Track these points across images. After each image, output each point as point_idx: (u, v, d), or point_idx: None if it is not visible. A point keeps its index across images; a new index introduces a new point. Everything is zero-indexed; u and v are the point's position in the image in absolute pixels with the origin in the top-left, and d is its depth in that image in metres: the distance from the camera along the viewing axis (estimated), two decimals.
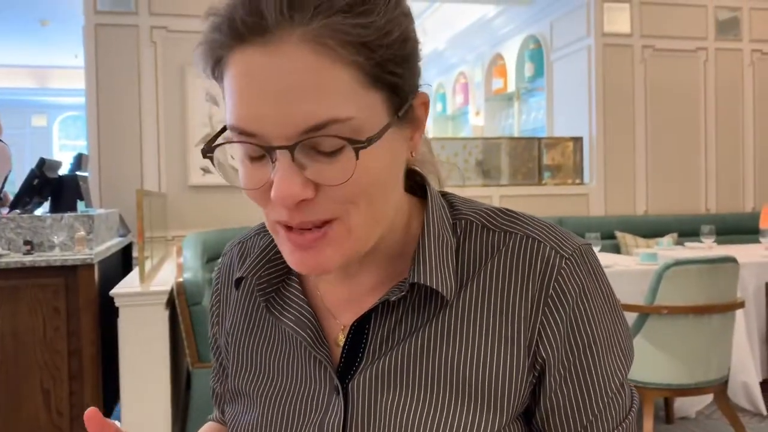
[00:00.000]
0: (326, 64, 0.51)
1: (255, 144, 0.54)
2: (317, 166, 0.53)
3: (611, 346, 0.61)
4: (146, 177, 4.15)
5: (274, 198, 0.53)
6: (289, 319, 0.65)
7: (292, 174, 0.53)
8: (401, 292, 0.60)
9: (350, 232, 0.56)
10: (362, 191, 0.55)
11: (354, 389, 0.62)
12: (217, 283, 0.78)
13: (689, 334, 2.47)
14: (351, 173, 0.52)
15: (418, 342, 0.61)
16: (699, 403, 3.16)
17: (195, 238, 3.24)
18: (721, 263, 2.49)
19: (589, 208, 4.93)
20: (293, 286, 0.67)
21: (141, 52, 4.14)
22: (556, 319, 0.60)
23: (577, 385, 0.60)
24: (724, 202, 5.24)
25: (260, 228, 0.75)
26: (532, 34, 5.87)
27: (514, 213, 0.65)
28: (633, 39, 5.03)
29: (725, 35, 5.25)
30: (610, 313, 0.62)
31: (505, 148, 5.03)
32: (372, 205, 0.56)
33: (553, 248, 0.61)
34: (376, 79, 0.54)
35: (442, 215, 0.65)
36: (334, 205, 0.55)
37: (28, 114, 11.01)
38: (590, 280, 0.61)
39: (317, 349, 0.63)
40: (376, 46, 0.53)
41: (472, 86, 7.26)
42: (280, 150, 0.52)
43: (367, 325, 0.63)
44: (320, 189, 0.54)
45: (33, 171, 3.02)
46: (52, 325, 2.46)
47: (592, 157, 4.99)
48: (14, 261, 2.45)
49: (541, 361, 0.60)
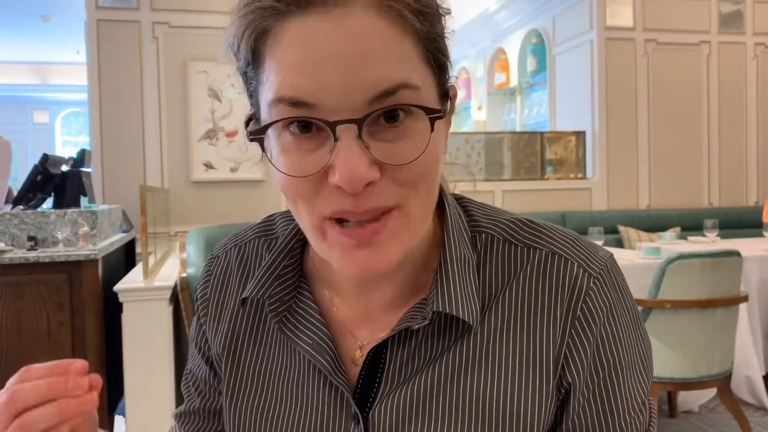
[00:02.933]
0: (394, 31, 0.48)
1: (315, 119, 0.48)
2: (382, 144, 0.49)
3: (635, 365, 0.59)
4: (149, 173, 4.15)
5: (341, 180, 0.47)
6: (305, 342, 0.60)
7: (360, 151, 0.48)
8: (423, 320, 0.56)
9: (408, 221, 0.52)
10: (425, 173, 0.51)
11: (375, 419, 0.58)
12: (205, 287, 0.69)
13: (692, 328, 2.47)
14: (423, 148, 0.49)
15: (441, 369, 0.57)
16: (702, 397, 3.16)
17: (198, 233, 3.24)
18: (724, 257, 2.48)
19: (592, 202, 4.92)
20: (306, 303, 0.62)
21: (143, 48, 4.14)
22: (583, 340, 0.57)
23: (601, 406, 0.58)
24: (727, 196, 5.22)
25: (260, 230, 0.69)
26: (535, 29, 5.85)
27: (537, 224, 0.61)
28: (635, 33, 5.01)
29: (728, 28, 5.23)
30: (635, 331, 0.60)
31: (507, 142, 5.02)
32: (429, 192, 0.53)
33: (581, 266, 0.58)
34: (431, 55, 0.52)
35: (461, 228, 0.61)
36: (397, 190, 0.50)
37: (30, 110, 11.00)
38: (617, 298, 0.59)
39: (336, 376, 0.59)
40: (433, 20, 0.51)
41: (474, 81, 7.24)
42: (345, 125, 0.47)
43: (384, 349, 0.59)
44: (384, 171, 0.49)
45: (36, 167, 3.03)
46: (56, 321, 2.46)
47: (594, 151, 4.98)
48: (18, 257, 2.46)
49: (567, 384, 0.57)
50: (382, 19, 0.48)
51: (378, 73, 0.47)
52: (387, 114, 0.49)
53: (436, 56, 0.52)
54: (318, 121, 0.48)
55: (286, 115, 0.49)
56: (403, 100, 0.48)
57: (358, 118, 0.47)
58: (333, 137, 0.48)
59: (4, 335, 2.43)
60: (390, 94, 0.48)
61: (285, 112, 0.49)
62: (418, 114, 0.50)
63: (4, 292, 2.44)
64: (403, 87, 0.48)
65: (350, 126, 0.47)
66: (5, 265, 2.43)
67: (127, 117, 4.13)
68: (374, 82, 0.47)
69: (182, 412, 0.75)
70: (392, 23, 0.48)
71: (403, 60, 0.49)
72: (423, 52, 0.51)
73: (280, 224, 0.68)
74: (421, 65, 0.51)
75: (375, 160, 0.49)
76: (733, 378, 2.85)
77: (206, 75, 4.17)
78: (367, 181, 0.48)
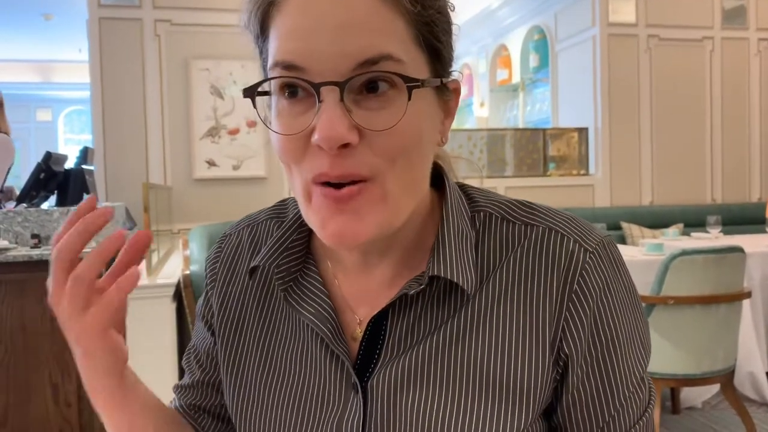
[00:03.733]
0: (385, 8, 0.52)
1: (302, 80, 0.52)
2: (363, 111, 0.52)
3: (632, 340, 0.60)
4: (151, 170, 4.15)
5: (319, 138, 0.51)
6: (308, 311, 0.62)
7: (341, 113, 0.51)
8: (420, 286, 0.58)
9: (385, 197, 0.54)
10: (403, 147, 0.53)
11: (374, 387, 0.60)
12: (215, 261, 0.72)
13: (696, 325, 2.47)
14: (400, 117, 0.52)
15: (439, 339, 0.59)
16: (705, 393, 3.16)
17: (201, 230, 3.25)
18: (727, 253, 2.48)
19: (595, 199, 4.92)
20: (312, 276, 0.65)
21: (145, 46, 4.14)
22: (580, 314, 0.58)
23: (599, 381, 0.59)
24: (730, 192, 5.22)
25: (272, 212, 0.72)
26: (537, 25, 5.84)
27: (534, 205, 0.63)
28: (638, 29, 5.00)
29: (731, 24, 5.21)
30: (632, 307, 0.61)
31: (509, 139, 5.02)
32: (408, 169, 0.55)
33: (576, 241, 0.59)
34: (423, 39, 0.54)
35: (461, 207, 0.63)
36: (373, 159, 0.53)
37: (33, 108, 11.02)
38: (613, 274, 0.60)
39: (336, 344, 0.61)
40: (428, 4, 0.54)
41: (476, 77, 7.24)
42: (329, 87, 0.51)
43: (384, 321, 0.61)
44: (363, 137, 0.52)
45: (39, 165, 3.03)
46: None
47: (597, 147, 4.98)
48: (22, 254, 2.46)
49: (565, 357, 0.58)
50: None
51: (364, 43, 0.51)
52: (369, 84, 0.52)
53: (429, 40, 0.55)
54: (303, 81, 0.52)
55: (277, 76, 0.53)
56: (386, 68, 0.51)
57: (340, 81, 0.51)
58: (317, 98, 0.51)
59: (8, 333, 2.44)
60: (373, 63, 0.51)
61: (280, 73, 0.53)
62: (402, 87, 0.52)
63: (8, 290, 2.45)
64: (386, 58, 0.51)
65: (333, 88, 0.51)
66: (9, 262, 2.44)
67: (129, 115, 4.13)
68: (359, 51, 0.51)
69: (182, 384, 0.76)
70: (385, 1, 0.52)
71: (390, 34, 0.52)
72: (414, 33, 0.54)
73: (292, 206, 0.71)
74: (411, 45, 0.54)
75: (355, 124, 0.52)
76: (736, 374, 2.85)
77: (208, 72, 4.17)
78: (343, 141, 0.51)
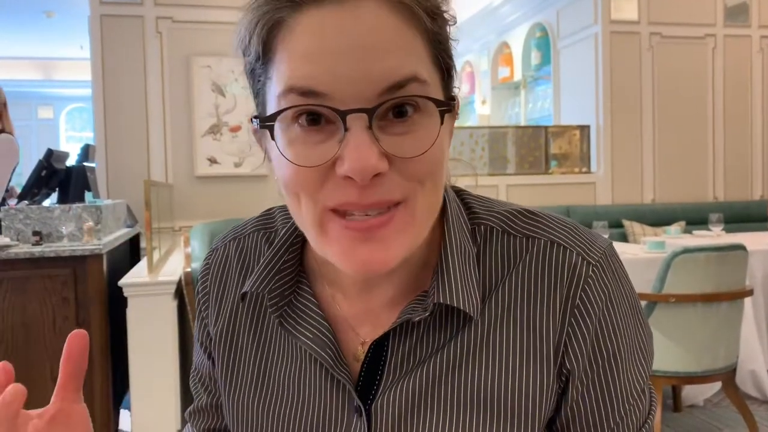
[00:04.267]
0: (406, 25, 0.49)
1: (326, 108, 0.48)
2: (391, 138, 0.49)
3: (634, 352, 0.59)
4: (153, 168, 4.15)
5: (350, 170, 0.47)
6: (305, 336, 0.60)
7: (370, 142, 0.48)
8: (424, 312, 0.56)
9: (414, 217, 0.52)
10: (432, 168, 0.51)
11: (377, 411, 0.58)
12: (205, 279, 0.69)
13: (697, 322, 2.46)
14: (433, 142, 0.50)
15: (442, 361, 0.58)
16: (707, 391, 3.15)
17: (202, 228, 3.25)
18: (729, 251, 2.48)
19: (596, 196, 4.91)
20: (306, 297, 0.62)
21: (146, 43, 4.14)
22: (582, 328, 0.57)
23: (600, 393, 0.58)
24: (732, 190, 5.21)
25: (258, 223, 0.69)
26: (539, 22, 5.83)
27: (535, 214, 0.62)
28: (640, 26, 4.99)
29: (734, 21, 5.20)
30: (634, 319, 0.60)
31: (511, 137, 5.01)
32: (434, 188, 0.53)
33: (579, 254, 0.58)
34: (439, 56, 0.53)
35: (461, 221, 0.61)
36: (404, 184, 0.50)
37: (35, 106, 11.02)
38: (616, 286, 0.59)
39: (338, 370, 0.59)
40: (443, 21, 0.52)
41: (478, 75, 7.22)
42: (356, 114, 0.47)
43: (386, 342, 0.59)
44: (392, 163, 0.49)
45: (41, 162, 3.03)
46: (62, 315, 2.47)
47: (599, 145, 4.97)
48: (23, 251, 2.46)
49: (566, 372, 0.58)
50: (395, 14, 0.49)
51: (389, 65, 0.48)
52: (395, 109, 0.49)
53: (443, 58, 0.53)
54: (329, 109, 0.48)
55: (297, 104, 0.49)
56: (413, 92, 0.49)
57: (369, 108, 0.48)
58: (343, 127, 0.48)
59: (10, 329, 2.44)
60: (400, 87, 0.48)
61: (295, 101, 0.49)
62: (426, 109, 0.50)
63: (10, 287, 2.45)
64: (413, 80, 0.49)
65: (361, 116, 0.48)
66: (11, 259, 2.44)
67: (131, 112, 4.13)
68: (385, 74, 0.48)
69: (192, 410, 0.76)
70: (404, 19, 0.49)
71: (413, 54, 0.50)
72: (431, 51, 0.52)
73: (279, 218, 0.68)
74: (430, 63, 0.52)
75: (384, 152, 0.49)
76: (738, 372, 2.85)
77: (210, 70, 4.17)
78: (375, 172, 0.48)
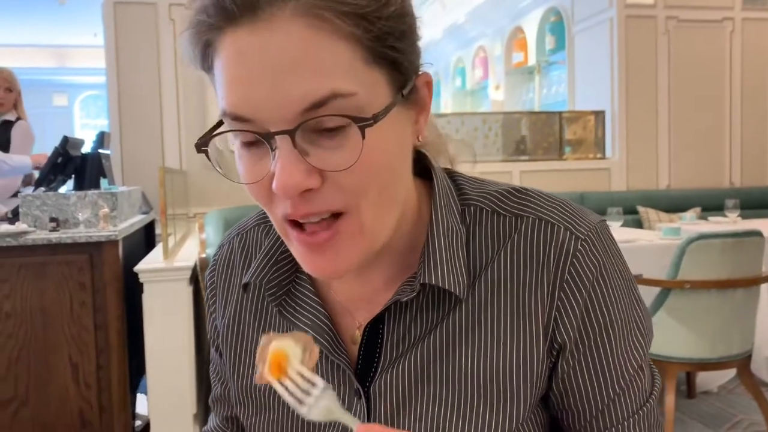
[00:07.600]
0: (323, 38, 0.47)
1: (251, 131, 0.50)
2: (321, 152, 0.49)
3: (629, 327, 0.59)
4: (167, 154, 4.17)
5: (276, 188, 0.49)
6: (304, 323, 0.62)
7: (295, 160, 0.49)
8: (412, 293, 0.57)
9: (363, 228, 0.52)
10: (371, 179, 0.51)
11: (375, 392, 0.60)
12: (212, 275, 0.73)
13: (712, 309, 2.45)
14: (358, 156, 0.49)
15: (435, 341, 0.59)
16: (721, 378, 3.14)
17: (216, 214, 3.27)
18: (745, 237, 2.45)
19: (611, 182, 4.88)
20: (304, 285, 0.64)
21: (160, 30, 4.14)
22: (572, 302, 0.57)
23: (593, 366, 0.58)
24: (749, 175, 5.15)
25: (260, 217, 0.71)
26: (553, 6, 5.77)
27: (526, 192, 0.62)
28: (656, 10, 4.92)
29: (752, 4, 5.11)
30: (627, 294, 0.60)
31: (525, 122, 4.98)
32: (382, 195, 0.52)
33: (567, 229, 0.58)
34: (377, 55, 0.50)
35: (450, 202, 0.61)
36: (342, 196, 0.51)
37: (49, 93, 11.10)
38: (607, 260, 0.58)
39: (336, 354, 0.61)
40: (374, 18, 0.49)
41: (491, 60, 7.17)
42: (280, 135, 0.48)
43: (381, 324, 0.61)
44: (326, 178, 0.50)
45: (57, 149, 3.05)
46: (79, 300, 2.50)
47: (614, 131, 4.92)
48: (41, 237, 2.49)
49: (557, 347, 0.58)
50: (311, 28, 0.47)
51: (305, 87, 0.47)
52: (321, 125, 0.49)
53: (384, 53, 0.51)
54: (254, 134, 0.50)
55: (231, 127, 0.52)
56: (335, 109, 0.48)
57: (290, 129, 0.48)
58: (271, 147, 0.50)
59: (28, 314, 2.47)
60: (320, 105, 0.48)
61: (229, 124, 0.52)
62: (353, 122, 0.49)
63: (28, 273, 2.48)
64: (333, 97, 0.48)
65: (284, 137, 0.49)
66: (28, 246, 2.47)
67: (145, 99, 4.15)
68: (302, 96, 0.48)
69: (213, 398, 0.78)
70: (322, 30, 0.47)
71: (333, 67, 0.48)
72: (364, 54, 0.49)
73: None
74: (362, 68, 0.49)
75: (313, 168, 0.49)
76: (753, 359, 2.83)
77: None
78: (302, 189, 0.49)
